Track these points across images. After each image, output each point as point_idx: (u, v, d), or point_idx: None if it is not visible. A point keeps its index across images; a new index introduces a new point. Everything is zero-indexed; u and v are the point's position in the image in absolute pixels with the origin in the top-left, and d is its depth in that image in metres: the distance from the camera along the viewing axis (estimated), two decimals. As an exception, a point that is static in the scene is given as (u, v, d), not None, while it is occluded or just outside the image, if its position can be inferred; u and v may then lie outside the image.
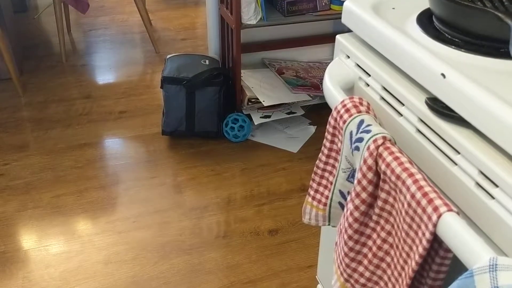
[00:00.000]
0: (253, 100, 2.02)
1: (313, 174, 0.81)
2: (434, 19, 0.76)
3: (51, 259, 1.55)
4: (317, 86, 2.10)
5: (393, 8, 0.81)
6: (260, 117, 2.03)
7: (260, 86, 2.05)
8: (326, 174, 0.79)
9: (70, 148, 2.02)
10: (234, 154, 2.00)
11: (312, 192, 0.82)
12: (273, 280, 1.50)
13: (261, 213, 1.72)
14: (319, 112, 2.19)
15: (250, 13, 1.87)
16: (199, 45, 2.85)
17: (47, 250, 1.58)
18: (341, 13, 2.00)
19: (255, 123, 2.02)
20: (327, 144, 0.77)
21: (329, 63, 2.31)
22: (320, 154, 0.79)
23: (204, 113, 2.02)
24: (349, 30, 0.86)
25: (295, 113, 2.07)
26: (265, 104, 1.96)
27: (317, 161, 0.80)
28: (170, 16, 3.23)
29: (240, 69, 2.00)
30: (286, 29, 2.19)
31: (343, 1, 1.99)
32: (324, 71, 2.24)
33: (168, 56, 2.14)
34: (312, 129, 2.13)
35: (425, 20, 0.76)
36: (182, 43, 2.89)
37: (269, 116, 2.04)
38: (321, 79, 2.16)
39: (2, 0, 2.26)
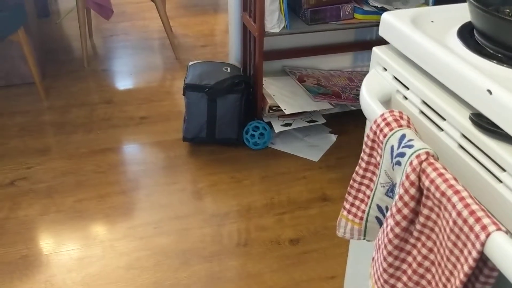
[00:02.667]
0: (274, 108, 2.01)
1: (349, 188, 0.80)
2: (475, 33, 0.75)
3: (73, 263, 1.55)
4: (339, 95, 2.10)
5: (432, 21, 0.81)
6: (281, 125, 2.03)
7: (281, 94, 2.05)
8: (363, 188, 0.78)
9: (92, 153, 2.03)
10: (254, 161, 2.00)
11: (347, 206, 0.81)
12: (295, 290, 1.49)
13: (282, 222, 1.71)
14: (340, 120, 2.18)
15: (274, 21, 1.87)
16: (218, 52, 2.86)
17: (69, 255, 1.59)
18: (364, 22, 2.01)
19: (276, 131, 2.02)
20: (365, 158, 0.76)
21: (350, 71, 2.32)
22: (357, 167, 0.78)
23: (225, 120, 2.02)
24: (371, 39, 0.85)
25: (316, 121, 2.06)
26: (287, 112, 1.96)
27: (354, 175, 0.79)
28: (190, 23, 3.25)
29: (262, 76, 2.00)
30: (307, 37, 2.18)
31: (367, 11, 1.99)
32: (346, 79, 2.23)
33: (190, 63, 2.15)
34: (333, 138, 2.12)
35: (466, 34, 0.75)
36: (202, 49, 2.91)
37: (290, 124, 2.03)
38: (343, 88, 2.16)
39: (27, 5, 2.28)
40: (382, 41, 2.45)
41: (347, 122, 2.19)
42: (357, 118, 2.19)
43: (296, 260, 1.58)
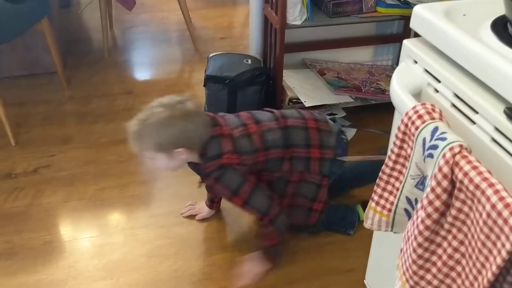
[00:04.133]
0: (294, 100, 2.02)
1: (377, 180, 0.81)
2: (509, 26, 0.75)
3: (95, 250, 1.58)
4: (359, 88, 2.09)
5: (464, 15, 0.80)
6: (301, 118, 2.02)
7: (301, 87, 2.05)
8: (392, 180, 0.79)
9: (113, 143, 2.05)
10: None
11: (376, 198, 0.81)
12: (313, 282, 1.49)
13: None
14: (359, 114, 2.17)
15: (296, 13, 1.87)
16: (237, 44, 2.86)
17: (91, 241, 1.62)
18: (386, 16, 2.00)
19: (296, 124, 2.01)
20: (395, 150, 0.77)
21: (370, 65, 2.30)
22: (387, 159, 0.79)
23: (245, 112, 2.02)
24: (392, 32, 0.85)
25: (336, 114, 2.06)
26: (307, 104, 1.96)
27: (383, 167, 0.79)
28: (209, 15, 3.25)
29: (282, 69, 2.01)
30: (328, 30, 2.18)
31: (389, 4, 1.98)
32: (366, 73, 2.22)
33: (210, 55, 2.16)
34: (353, 131, 2.11)
35: (500, 27, 0.75)
36: (221, 42, 2.91)
37: (310, 117, 2.03)
38: (363, 81, 2.15)
39: (50, -4, 2.30)
40: (403, 35, 2.43)
41: (367, 115, 2.18)
42: (377, 112, 2.18)
43: (314, 252, 1.58)
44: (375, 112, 2.18)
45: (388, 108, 2.32)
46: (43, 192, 1.79)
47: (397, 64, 2.30)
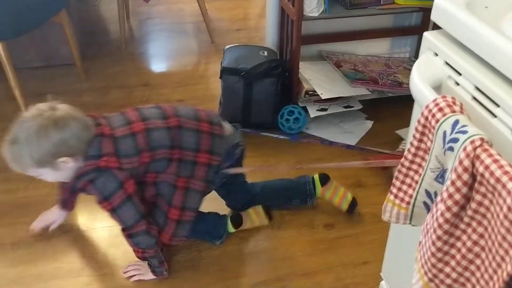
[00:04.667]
0: (310, 92, 2.01)
1: (396, 172, 0.81)
2: (532, 19, 0.74)
3: (113, 239, 1.60)
4: (376, 80, 2.08)
5: (486, 7, 0.80)
6: (317, 110, 2.02)
7: (318, 79, 2.04)
8: (411, 173, 0.79)
9: (130, 134, 2.07)
10: (288, 146, 2.01)
11: (394, 190, 0.81)
12: (328, 274, 1.50)
13: (316, 207, 1.72)
14: (375, 107, 2.16)
15: (313, 5, 1.86)
16: (253, 36, 2.86)
17: (109, 231, 1.64)
18: (404, 8, 1.98)
19: (311, 116, 2.01)
20: (415, 143, 0.76)
21: (387, 57, 2.29)
22: (406, 152, 0.79)
23: (261, 104, 2.02)
24: (410, 24, 0.84)
25: (353, 107, 2.05)
26: (323, 97, 1.95)
27: (402, 159, 0.79)
28: (224, 7, 3.25)
29: (299, 61, 2.00)
30: (345, 22, 2.16)
31: (408, -5, 1.96)
32: (383, 65, 2.21)
33: (226, 47, 2.16)
34: (369, 124, 2.10)
35: (523, 20, 0.74)
36: (237, 33, 2.91)
37: (325, 109, 2.03)
38: (380, 74, 2.14)
39: (68, -13, 2.32)
40: (421, 27, 2.40)
41: (383, 108, 2.17)
42: (393, 104, 2.17)
43: (330, 245, 1.59)
44: (391, 105, 2.17)
45: (405, 101, 2.30)
46: (62, 182, 1.82)
47: (414, 57, 2.30)
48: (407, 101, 0.86)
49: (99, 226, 1.66)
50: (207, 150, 1.39)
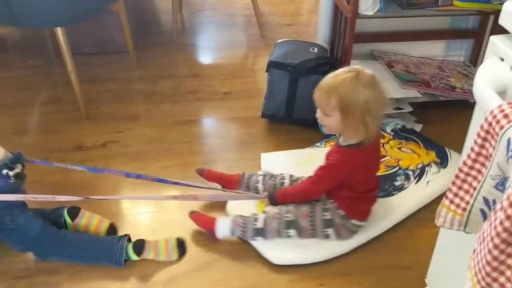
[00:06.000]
0: (360, 92, 1.98)
1: (454, 178, 0.79)
2: None
3: (157, 225, 1.64)
4: (428, 83, 2.03)
5: (560, 11, 0.76)
6: (365, 110, 1.99)
7: (368, 79, 2.01)
8: (470, 179, 0.77)
9: (177, 123, 2.11)
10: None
11: (450, 196, 0.80)
12: (368, 276, 1.48)
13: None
14: (425, 110, 2.11)
15: (368, 3, 1.83)
16: (303, 32, 2.85)
17: (153, 216, 1.68)
18: (463, 10, 1.92)
19: (360, 116, 1.99)
20: (476, 148, 0.74)
21: (441, 60, 2.23)
22: (466, 157, 0.77)
23: (305, 101, 2.01)
24: (467, 27, 0.81)
25: (402, 109, 2.01)
26: (373, 97, 1.92)
27: (461, 165, 0.77)
28: (276, 1, 3.25)
29: (350, 59, 1.98)
30: (399, 22, 2.12)
31: (468, -3, 1.90)
32: (436, 68, 2.15)
33: (278, 41, 2.16)
34: (418, 127, 2.06)
35: None
36: (287, 28, 2.91)
37: (374, 110, 2.00)
38: (432, 76, 2.09)
39: (125, -23, 2.38)
40: (478, 31, 2.34)
41: (434, 112, 2.12)
42: (444, 109, 2.12)
43: (371, 247, 1.57)
44: (442, 109, 2.12)
45: (456, 106, 2.26)
46: (110, 166, 1.87)
47: (469, 61, 2.23)
48: (459, 106, 0.84)
49: (144, 211, 1.70)
50: None
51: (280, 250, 1.51)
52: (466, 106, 2.08)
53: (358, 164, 1.40)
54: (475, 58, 2.24)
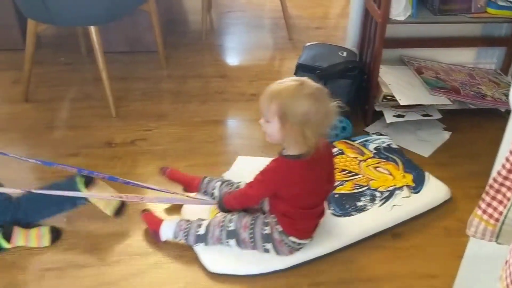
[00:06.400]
0: (388, 97, 1.97)
1: (487, 187, 0.78)
2: None
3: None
4: (458, 91, 2.00)
5: None
6: (393, 116, 1.98)
7: (397, 84, 2.00)
8: (504, 189, 0.76)
9: (204, 123, 2.13)
10: (360, 149, 1.98)
11: (483, 206, 0.79)
12: (393, 283, 1.47)
13: (385, 214, 1.69)
14: (455, 118, 2.08)
15: (400, 8, 1.82)
16: (332, 35, 2.84)
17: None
18: (496, 18, 1.89)
19: (387, 121, 1.98)
20: (511, 158, 0.74)
21: (471, 67, 2.20)
22: (500, 167, 0.76)
23: (332, 105, 2.01)
24: (500, 35, 0.80)
25: (431, 116, 1.99)
26: (402, 103, 1.91)
27: (495, 175, 0.76)
28: (305, 4, 3.25)
29: (379, 64, 1.97)
30: (430, 27, 2.10)
31: (501, 5, 1.87)
32: (467, 76, 2.12)
33: (306, 44, 2.16)
34: (446, 134, 2.03)
35: None
36: (315, 31, 2.90)
37: (402, 116, 1.98)
38: (462, 84, 2.06)
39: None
40: (510, 39, 2.29)
41: (463, 120, 2.10)
42: (474, 117, 2.09)
43: (396, 254, 1.56)
44: (471, 117, 2.09)
45: (486, 115, 2.23)
46: (138, 163, 1.90)
47: (501, 69, 2.19)
48: (489, 114, 0.83)
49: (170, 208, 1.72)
50: None
51: (219, 258, 1.47)
52: (496, 114, 2.05)
53: (292, 176, 1.35)
54: (507, 66, 2.20)
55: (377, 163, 1.83)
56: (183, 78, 2.45)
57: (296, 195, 1.39)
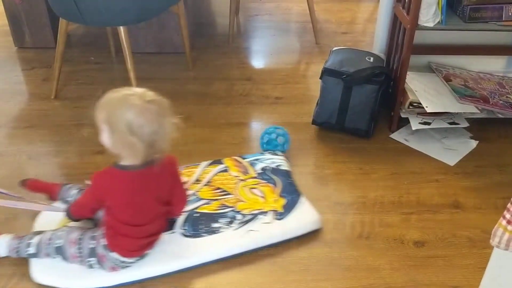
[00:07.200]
0: (414, 104, 1.95)
1: (514, 198, 0.77)
2: None
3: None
4: (486, 99, 1.97)
5: None
6: (419, 123, 1.96)
7: (424, 91, 1.97)
8: (531, 200, 0.74)
9: (228, 125, 2.14)
10: (385, 156, 1.96)
11: (508, 216, 0.77)
12: (414, 292, 1.45)
13: (408, 222, 1.67)
14: (482, 127, 2.05)
15: (429, 15, 1.80)
16: (359, 40, 2.83)
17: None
18: (529, 25, 1.85)
19: (413, 128, 1.95)
20: (540, 169, 0.72)
21: (501, 76, 2.16)
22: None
23: (357, 110, 2.00)
24: None
25: (458, 124, 1.96)
26: (428, 110, 1.89)
27: (523, 185, 0.75)
28: (332, 9, 3.24)
29: (407, 70, 1.95)
30: (459, 35, 2.07)
31: (535, 12, 1.83)
32: (496, 84, 2.08)
33: (333, 49, 2.15)
34: (473, 143, 2.00)
35: None
36: (343, 36, 2.89)
37: (429, 123, 1.96)
38: (491, 92, 2.02)
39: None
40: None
41: (491, 129, 2.06)
42: (503, 127, 2.05)
43: (419, 262, 1.53)
44: (500, 126, 2.05)
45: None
46: (162, 163, 1.92)
47: (534, 78, 2.14)
48: None
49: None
50: None
51: (48, 269, 1.43)
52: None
53: (116, 185, 1.34)
54: (538, 76, 2.15)
55: (256, 184, 1.74)
56: (209, 80, 2.47)
57: (119, 206, 1.36)
